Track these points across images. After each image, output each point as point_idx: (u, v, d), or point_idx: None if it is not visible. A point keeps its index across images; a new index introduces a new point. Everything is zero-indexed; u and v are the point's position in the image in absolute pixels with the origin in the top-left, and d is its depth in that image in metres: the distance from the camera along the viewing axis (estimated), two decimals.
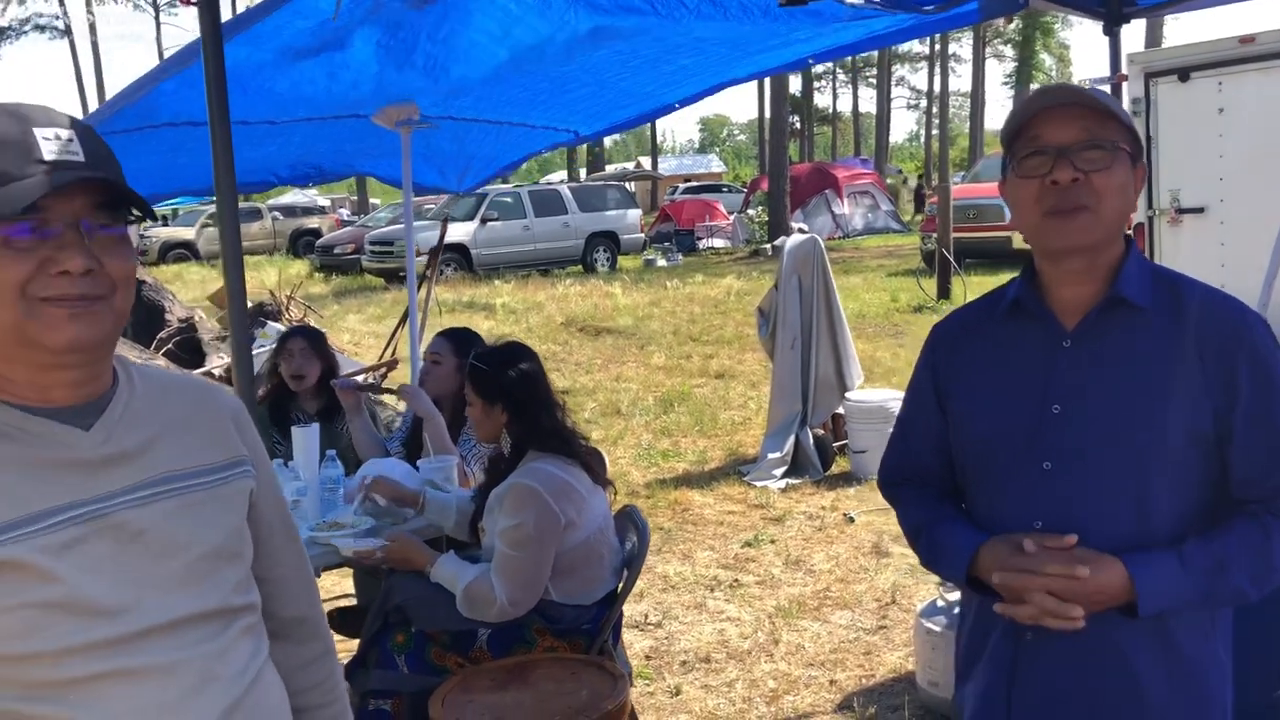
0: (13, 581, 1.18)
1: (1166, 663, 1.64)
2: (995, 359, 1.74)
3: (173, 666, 1.26)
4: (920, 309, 13.15)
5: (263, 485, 1.46)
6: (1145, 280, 1.66)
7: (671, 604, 4.91)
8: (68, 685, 1.20)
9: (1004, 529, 1.68)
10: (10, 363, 1.24)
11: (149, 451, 1.31)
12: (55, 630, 1.19)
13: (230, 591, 1.35)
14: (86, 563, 1.22)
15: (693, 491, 6.60)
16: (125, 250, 1.27)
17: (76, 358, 1.24)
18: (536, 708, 2.65)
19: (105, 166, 1.25)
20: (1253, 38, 6.34)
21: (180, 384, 1.43)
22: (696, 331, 12.74)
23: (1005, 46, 51.54)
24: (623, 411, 8.73)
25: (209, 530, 1.34)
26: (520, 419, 2.97)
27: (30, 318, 1.20)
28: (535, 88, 4.31)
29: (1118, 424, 1.61)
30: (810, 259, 6.97)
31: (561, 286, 17.55)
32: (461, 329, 4.14)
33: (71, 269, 1.20)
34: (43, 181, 1.18)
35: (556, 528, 2.84)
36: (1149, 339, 1.62)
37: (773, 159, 24.03)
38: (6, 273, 1.18)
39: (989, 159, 21.21)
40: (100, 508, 1.25)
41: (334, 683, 1.59)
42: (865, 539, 5.61)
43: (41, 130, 1.22)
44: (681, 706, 3.95)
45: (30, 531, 1.19)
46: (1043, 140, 1.60)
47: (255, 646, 1.38)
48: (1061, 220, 1.59)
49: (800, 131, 48.12)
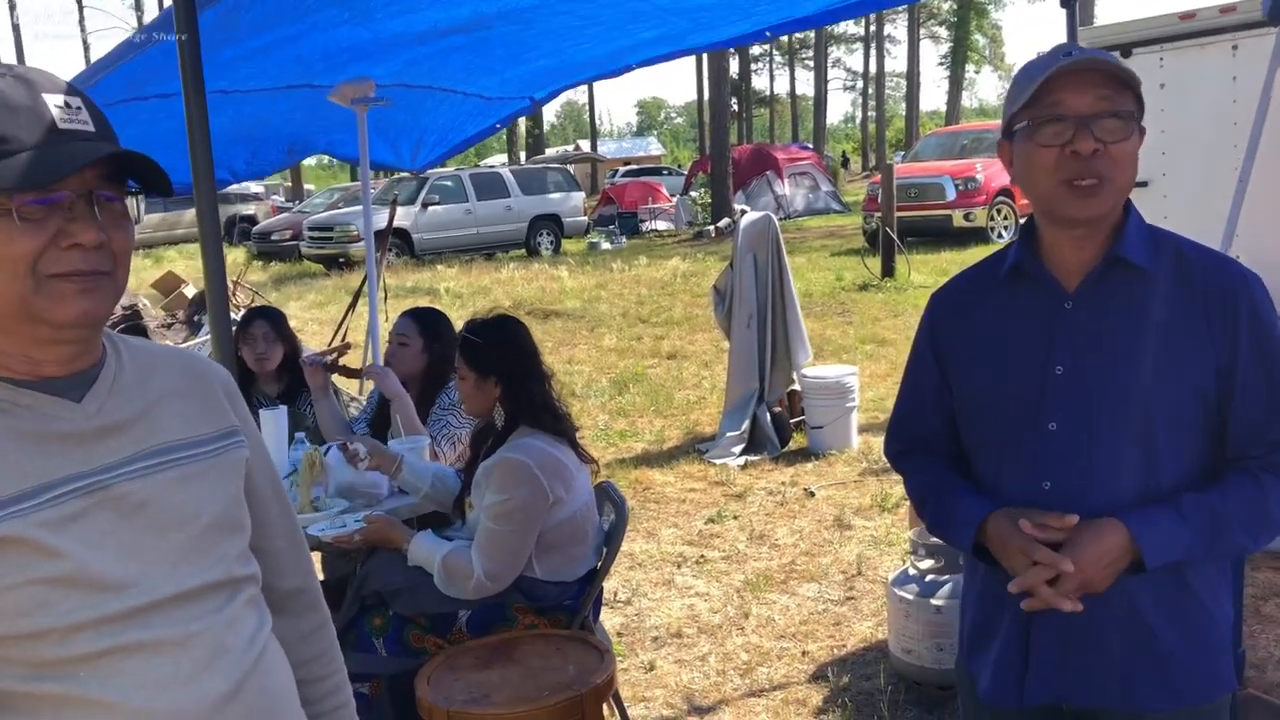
0: (14, 558, 1.14)
1: (1180, 613, 1.66)
2: (996, 322, 1.75)
3: (184, 639, 1.24)
4: (865, 287, 13.27)
5: (255, 456, 1.44)
6: (1145, 241, 1.68)
7: (639, 581, 4.92)
8: (77, 662, 1.17)
9: (1012, 491, 1.69)
10: (7, 335, 1.20)
11: (143, 422, 1.29)
12: (62, 606, 1.16)
13: (234, 562, 1.33)
14: (89, 536, 1.19)
15: (653, 470, 6.61)
16: (127, 224, 1.24)
17: (77, 333, 1.22)
18: (524, 683, 2.63)
19: (111, 137, 1.22)
20: (1193, 14, 6.46)
21: (169, 355, 1.41)
22: (645, 313, 12.74)
23: (940, 28, 52.12)
24: (577, 393, 8.70)
25: (210, 501, 1.31)
26: (513, 392, 2.93)
27: (38, 293, 1.16)
28: (491, 55, 4.24)
29: (1122, 383, 1.62)
30: (765, 236, 6.99)
31: (506, 270, 17.44)
32: (427, 308, 4.09)
33: (84, 242, 1.17)
34: (66, 155, 1.14)
35: (544, 504, 2.82)
36: (1151, 299, 1.64)
37: (714, 141, 24.06)
38: (17, 245, 1.14)
39: (928, 138, 21.45)
40: (100, 480, 1.22)
41: (333, 654, 1.58)
42: (827, 512, 5.67)
43: (50, 97, 1.17)
44: (656, 681, 3.95)
45: (29, 506, 1.16)
46: (1063, 107, 1.58)
47: (260, 618, 1.37)
48: (1081, 191, 1.59)
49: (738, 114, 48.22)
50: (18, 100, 1.16)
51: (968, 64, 49.97)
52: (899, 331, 10.33)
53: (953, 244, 16.49)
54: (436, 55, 4.11)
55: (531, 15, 3.65)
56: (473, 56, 4.22)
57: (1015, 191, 17.24)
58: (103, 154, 1.16)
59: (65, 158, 1.14)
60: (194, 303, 9.67)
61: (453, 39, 3.91)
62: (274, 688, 1.35)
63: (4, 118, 1.14)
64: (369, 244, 4.80)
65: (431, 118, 5.14)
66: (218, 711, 1.25)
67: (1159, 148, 6.46)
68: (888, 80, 57.43)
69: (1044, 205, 1.66)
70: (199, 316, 8.99)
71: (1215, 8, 6.32)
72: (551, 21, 3.76)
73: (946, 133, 21.56)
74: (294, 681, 1.43)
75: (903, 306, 11.78)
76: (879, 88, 52.69)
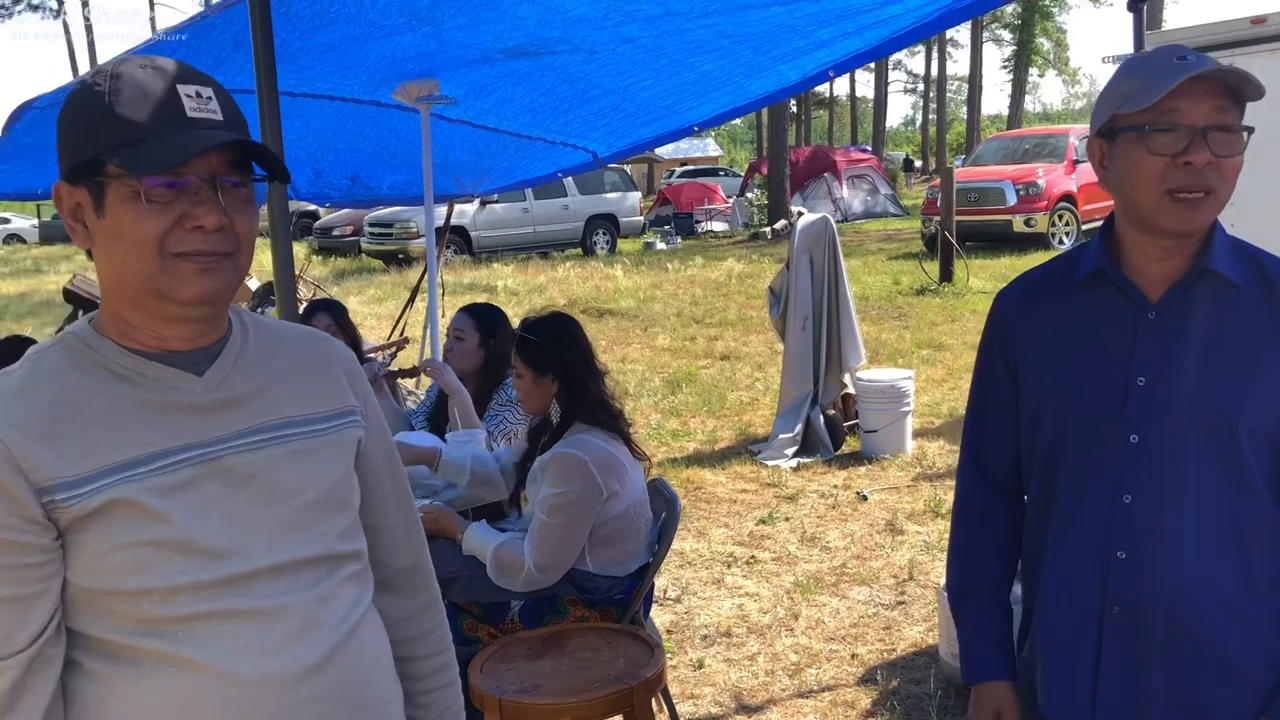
0: (126, 519, 1.21)
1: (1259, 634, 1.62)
2: (1070, 329, 1.70)
3: (277, 610, 1.29)
4: (923, 292, 13.16)
5: (372, 435, 1.47)
6: (1231, 253, 1.63)
7: (689, 580, 4.93)
8: (176, 622, 1.24)
9: (1088, 504, 1.66)
10: (136, 310, 1.27)
11: (260, 398, 1.34)
12: (165, 568, 1.23)
13: (335, 539, 1.37)
14: (196, 504, 1.26)
15: (704, 470, 6.62)
16: (251, 209, 1.30)
17: (201, 310, 1.28)
18: (575, 675, 2.66)
19: (239, 126, 1.28)
20: (1264, 19, 6.33)
21: (295, 334, 1.46)
22: (700, 314, 12.75)
23: (1003, 31, 51.43)
24: (630, 392, 8.73)
25: (316, 477, 1.35)
26: (569, 389, 2.96)
27: (164, 271, 1.23)
28: (556, 91, 4.24)
29: (1208, 398, 1.58)
30: (822, 238, 6.97)
31: (562, 269, 17.53)
32: (485, 305, 4.14)
33: (207, 225, 1.24)
34: (192, 140, 1.21)
35: (598, 500, 2.85)
36: (1239, 314, 1.60)
37: (772, 142, 23.97)
38: (146, 226, 1.22)
39: (989, 142, 21.18)
40: (211, 451, 1.28)
41: (442, 633, 1.60)
42: (879, 517, 5.64)
43: (184, 87, 1.24)
44: (705, 679, 3.97)
45: (144, 472, 1.23)
46: (1180, 116, 1.53)
47: (358, 595, 1.39)
48: (1187, 205, 1.55)
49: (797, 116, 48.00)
50: (152, 89, 1.23)
51: (1031, 68, 49.24)
52: (956, 336, 10.24)
53: (1012, 250, 16.28)
54: (501, 80, 4.12)
55: (595, 40, 3.66)
56: (537, 93, 4.21)
57: (1077, 197, 16.98)
58: (222, 140, 1.23)
59: (190, 144, 1.21)
60: (258, 295, 9.84)
61: (519, 63, 3.94)
62: (364, 665, 1.37)
63: (139, 106, 1.22)
64: (429, 241, 4.86)
65: (495, 159, 5.19)
66: (303, 682, 1.29)
67: None
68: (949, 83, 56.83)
69: (1141, 214, 1.60)
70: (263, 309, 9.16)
71: None
72: (615, 53, 3.76)
73: (1008, 137, 21.25)
74: (390, 660, 1.46)
75: (960, 311, 11.66)
76: (940, 91, 52.11)
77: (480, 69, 4.10)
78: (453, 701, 1.61)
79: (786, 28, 3.60)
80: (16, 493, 1.18)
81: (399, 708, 1.47)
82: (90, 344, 1.28)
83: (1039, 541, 1.77)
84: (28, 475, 1.18)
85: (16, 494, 1.18)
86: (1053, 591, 1.73)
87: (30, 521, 1.19)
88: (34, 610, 1.20)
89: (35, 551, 1.19)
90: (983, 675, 1.82)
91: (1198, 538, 1.59)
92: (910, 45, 4.23)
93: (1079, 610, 1.68)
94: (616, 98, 4.24)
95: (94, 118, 1.23)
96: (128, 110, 1.21)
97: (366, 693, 1.37)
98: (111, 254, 1.25)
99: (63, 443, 1.21)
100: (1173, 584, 1.60)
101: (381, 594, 1.48)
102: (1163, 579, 1.60)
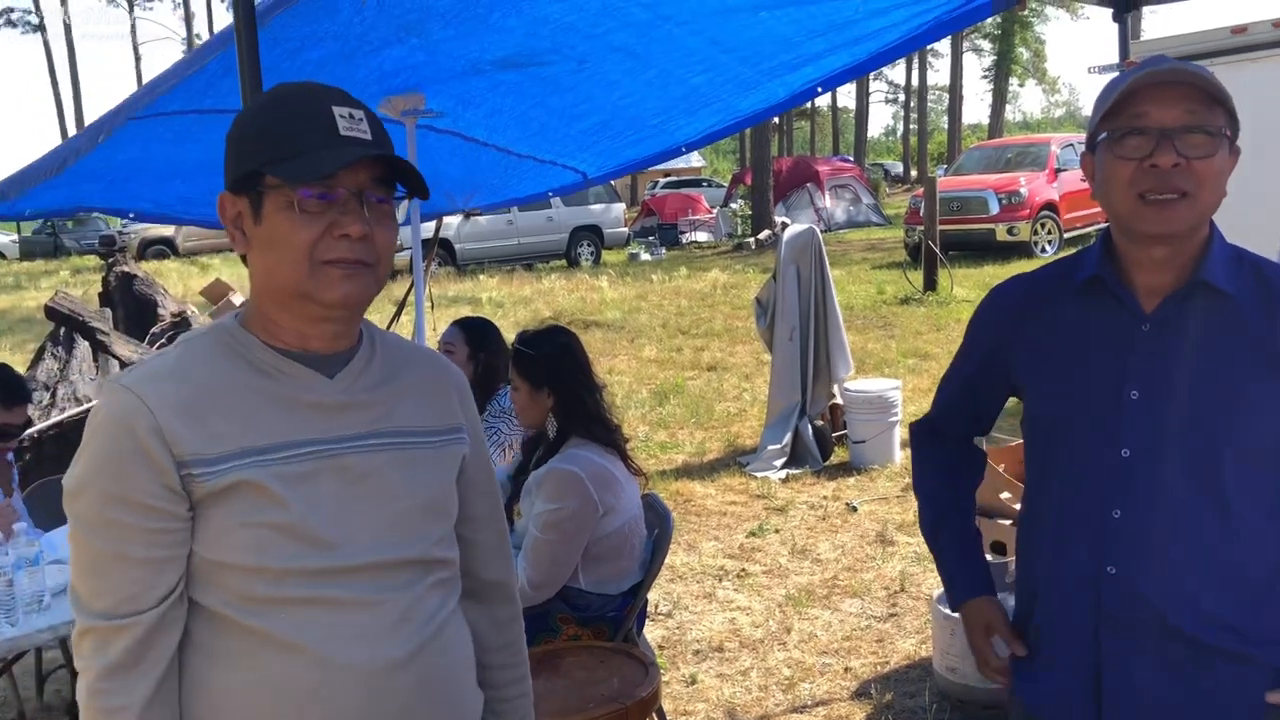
0: (250, 500, 1.32)
1: None
2: (1065, 336, 1.68)
3: (373, 604, 1.38)
4: (907, 301, 13.19)
5: (475, 454, 1.57)
6: (1229, 264, 1.60)
7: (680, 594, 4.91)
8: (281, 603, 1.33)
9: (1079, 516, 1.65)
10: (282, 311, 1.38)
11: (381, 406, 1.44)
12: (280, 551, 1.32)
13: (432, 544, 1.45)
14: (314, 495, 1.35)
15: (694, 482, 6.60)
16: (392, 223, 1.40)
17: (341, 313, 1.39)
18: (569, 695, 2.63)
19: (386, 145, 1.38)
20: (1245, 28, 6.37)
21: (418, 355, 1.57)
22: (686, 324, 12.75)
23: (983, 41, 51.75)
24: (618, 404, 8.67)
25: (423, 485, 1.45)
26: (566, 403, 2.94)
27: (312, 276, 1.33)
28: (546, 104, 4.20)
29: (1202, 412, 1.56)
30: (808, 249, 6.98)
31: (547, 281, 17.52)
32: (477, 318, 4.12)
33: (352, 234, 1.34)
34: (342, 154, 1.32)
35: (593, 516, 2.82)
36: (1235, 326, 1.57)
37: (756, 153, 24.03)
38: (299, 234, 1.32)
39: (972, 151, 21.29)
40: (333, 448, 1.38)
41: (520, 646, 1.69)
42: (869, 528, 5.63)
43: (339, 109, 1.35)
44: (698, 695, 3.94)
45: (274, 459, 1.34)
46: (1146, 119, 1.53)
47: (444, 599, 1.48)
48: (1158, 207, 1.53)
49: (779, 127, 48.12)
50: (309, 110, 1.34)
51: (1011, 77, 49.54)
52: (941, 345, 10.25)
53: (995, 258, 16.36)
54: (490, 91, 4.08)
55: (585, 50, 3.63)
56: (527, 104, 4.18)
57: (1060, 206, 17.07)
58: (369, 154, 1.33)
59: (341, 157, 1.31)
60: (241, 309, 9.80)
61: (508, 74, 3.90)
62: (447, 665, 1.46)
63: (296, 124, 1.33)
64: (416, 255, 4.83)
65: (486, 176, 5.16)
66: (390, 675, 1.38)
67: None
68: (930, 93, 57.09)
69: (1120, 221, 1.60)
70: None
71: (1269, 21, 6.23)
72: (604, 63, 3.73)
73: (990, 146, 21.37)
74: (472, 664, 1.54)
75: (945, 320, 11.69)
76: (921, 101, 52.37)
77: (469, 80, 4.07)
78: (527, 712, 1.70)
79: (775, 37, 3.58)
80: (161, 462, 1.29)
81: (477, 710, 1.55)
82: (236, 338, 1.39)
83: (1034, 550, 1.76)
84: (171, 448, 1.29)
85: (161, 463, 1.29)
86: (1050, 604, 1.72)
87: (170, 490, 1.30)
88: (165, 573, 1.31)
89: (171, 519, 1.31)
90: (968, 594, 1.86)
91: (1185, 555, 1.58)
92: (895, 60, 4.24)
93: (1076, 622, 1.66)
94: (606, 114, 4.22)
95: (257, 134, 1.35)
96: (286, 128, 1.33)
97: (448, 690, 1.46)
98: (266, 258, 1.35)
99: (204, 423, 1.32)
100: (1160, 601, 1.59)
101: (469, 604, 1.57)
102: (1151, 596, 1.59)
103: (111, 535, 1.29)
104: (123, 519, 1.29)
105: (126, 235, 25.09)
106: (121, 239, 11.77)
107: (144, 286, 7.71)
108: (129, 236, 25.84)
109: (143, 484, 1.29)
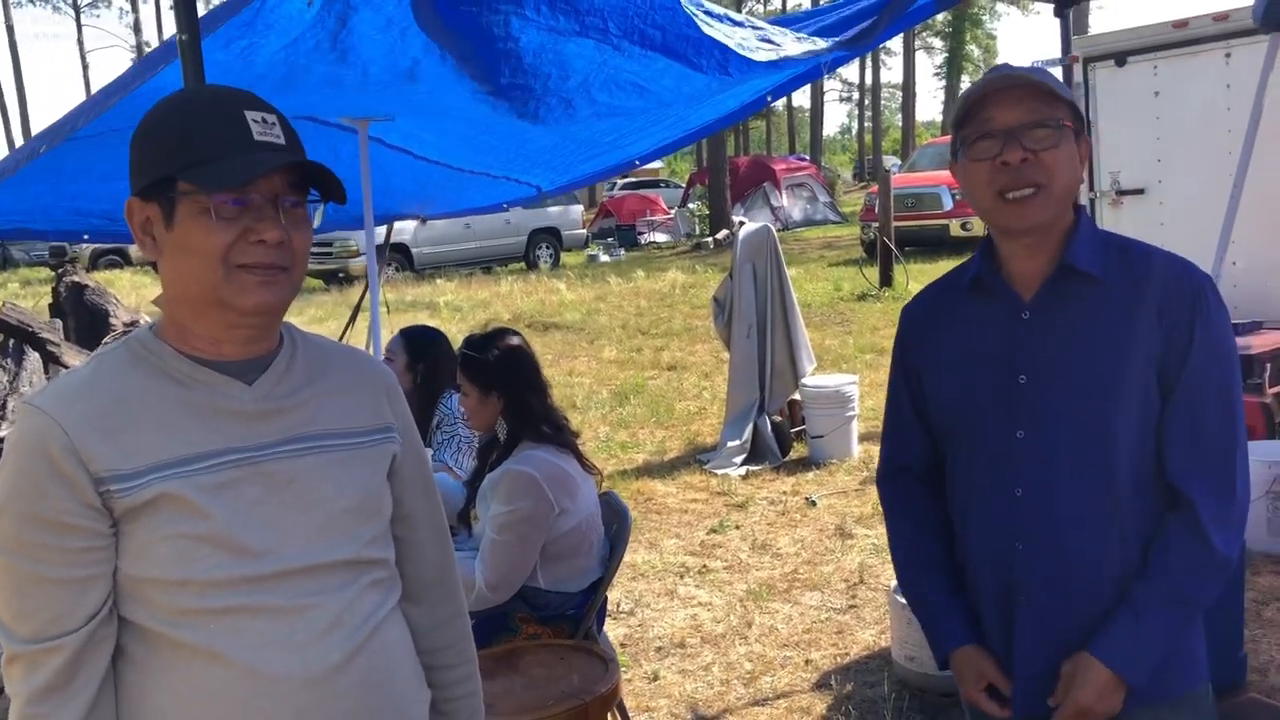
0: (172, 513, 1.30)
1: None
2: (961, 334, 1.80)
3: (304, 608, 1.36)
4: (864, 297, 13.30)
5: (407, 452, 1.55)
6: (1096, 248, 1.71)
7: (642, 591, 4.92)
8: (210, 615, 1.32)
9: (986, 496, 1.76)
10: (197, 318, 1.37)
11: (304, 410, 1.43)
12: (204, 563, 1.31)
13: (364, 545, 1.44)
14: (237, 504, 1.34)
15: (654, 481, 6.62)
16: (307, 227, 1.40)
17: (257, 320, 1.38)
18: (528, 693, 2.64)
19: (299, 150, 1.38)
20: (1185, 22, 6.51)
21: (342, 355, 1.55)
22: (645, 325, 12.77)
23: (935, 39, 52.27)
24: (578, 405, 8.71)
25: (351, 487, 1.44)
26: (515, 406, 2.95)
27: (227, 281, 1.33)
28: (494, 130, 4.15)
29: (1082, 390, 1.67)
30: (764, 247, 7.02)
31: (505, 284, 17.46)
32: (420, 327, 4.10)
33: (268, 239, 1.34)
34: (259, 160, 1.32)
35: (549, 516, 2.83)
36: (1105, 305, 1.68)
37: (711, 153, 24.10)
38: (214, 239, 1.31)
39: (925, 148, 21.50)
40: (255, 455, 1.37)
41: (465, 644, 1.67)
42: (829, 521, 5.68)
43: (251, 113, 1.34)
44: (660, 691, 3.96)
45: (192, 470, 1.32)
46: (993, 123, 1.65)
47: (381, 600, 1.46)
48: (1017, 204, 1.65)
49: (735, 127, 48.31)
50: (220, 114, 1.34)
51: (963, 74, 50.07)
52: None
53: (950, 253, 16.49)
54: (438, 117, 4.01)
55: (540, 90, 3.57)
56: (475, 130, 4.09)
57: None
58: (286, 162, 1.33)
59: (257, 164, 1.31)
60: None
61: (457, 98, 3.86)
62: (387, 665, 1.45)
63: (208, 129, 1.33)
64: (370, 259, 4.81)
65: (439, 189, 5.11)
66: (328, 679, 1.37)
67: (1154, 155, 6.50)
68: (884, 91, 57.58)
69: (986, 218, 1.72)
70: None
71: (1208, 16, 6.37)
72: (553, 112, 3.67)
73: (943, 143, 21.55)
74: (414, 663, 1.53)
75: None
76: (875, 99, 52.85)
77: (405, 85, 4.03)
78: (475, 710, 1.68)
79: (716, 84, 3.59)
80: (78, 480, 1.28)
81: (422, 709, 1.54)
82: (150, 348, 1.38)
83: (961, 535, 1.86)
84: (87, 466, 1.28)
85: (78, 481, 1.28)
86: (977, 582, 1.84)
87: (89, 507, 1.28)
88: (90, 592, 1.30)
89: (93, 536, 1.29)
90: (953, 643, 1.85)
91: (1083, 528, 1.68)
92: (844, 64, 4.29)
93: (995, 595, 1.79)
94: (557, 138, 4.21)
95: (168, 139, 1.33)
96: (200, 133, 1.32)
97: (389, 692, 1.44)
98: (179, 264, 1.34)
99: (119, 437, 1.30)
100: (1064, 574, 1.70)
101: (409, 604, 1.55)
102: (1053, 569, 1.70)
103: (32, 557, 1.28)
104: (43, 540, 1.27)
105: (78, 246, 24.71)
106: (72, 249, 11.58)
107: (95, 296, 7.61)
108: (81, 247, 25.47)
109: (61, 503, 1.27)
